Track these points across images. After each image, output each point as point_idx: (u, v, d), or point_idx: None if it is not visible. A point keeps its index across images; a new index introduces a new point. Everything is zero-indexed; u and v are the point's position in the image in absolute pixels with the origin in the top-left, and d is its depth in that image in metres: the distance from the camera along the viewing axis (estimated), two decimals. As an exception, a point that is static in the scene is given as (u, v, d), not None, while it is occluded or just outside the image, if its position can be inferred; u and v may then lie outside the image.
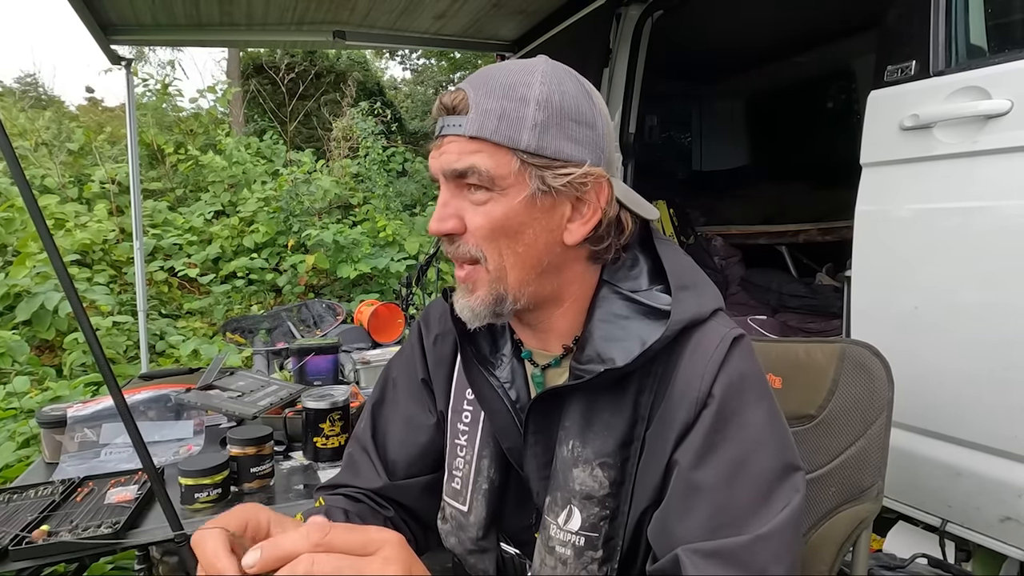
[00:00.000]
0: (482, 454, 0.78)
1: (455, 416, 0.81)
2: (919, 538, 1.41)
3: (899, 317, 1.35)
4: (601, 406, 0.67)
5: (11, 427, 2.38)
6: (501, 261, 0.66)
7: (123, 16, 2.88)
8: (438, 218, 0.67)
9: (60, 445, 1.39)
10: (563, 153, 0.64)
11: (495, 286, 0.67)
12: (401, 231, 6.04)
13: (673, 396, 0.65)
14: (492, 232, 0.65)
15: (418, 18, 3.14)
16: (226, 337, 4.05)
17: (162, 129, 6.70)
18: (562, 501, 0.69)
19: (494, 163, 0.63)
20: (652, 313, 0.67)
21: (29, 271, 3.95)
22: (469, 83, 0.66)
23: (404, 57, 12.57)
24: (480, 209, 0.65)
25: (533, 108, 0.63)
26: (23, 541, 1.00)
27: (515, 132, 0.63)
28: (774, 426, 0.64)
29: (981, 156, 1.21)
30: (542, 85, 0.64)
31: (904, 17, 1.39)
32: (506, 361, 0.76)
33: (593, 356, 0.67)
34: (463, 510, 0.79)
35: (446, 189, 0.68)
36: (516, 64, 0.67)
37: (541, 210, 0.65)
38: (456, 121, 0.65)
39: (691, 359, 0.64)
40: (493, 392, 0.75)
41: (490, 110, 0.63)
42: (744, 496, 0.60)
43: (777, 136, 4.26)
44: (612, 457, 0.66)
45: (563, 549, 0.68)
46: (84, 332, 0.89)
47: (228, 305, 5.07)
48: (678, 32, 2.71)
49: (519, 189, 0.64)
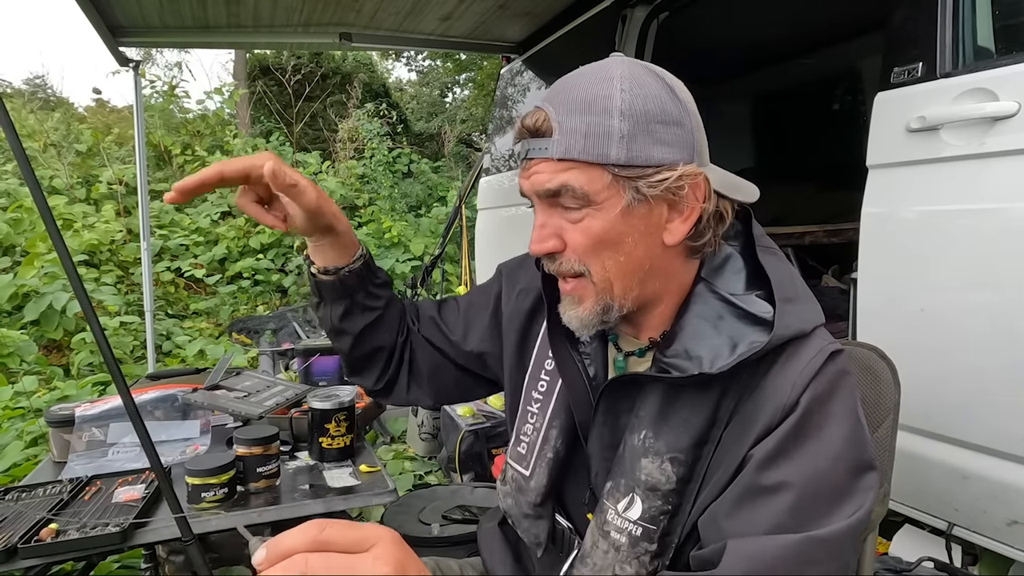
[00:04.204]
0: (552, 423, 0.79)
1: (531, 383, 0.83)
2: (925, 541, 1.40)
3: (905, 319, 1.35)
4: (681, 402, 0.67)
5: (19, 426, 2.40)
6: (605, 273, 0.66)
7: (131, 18, 2.90)
8: (538, 239, 0.68)
9: (68, 444, 1.40)
10: (654, 159, 0.63)
11: (602, 297, 0.67)
12: (406, 232, 6.05)
13: (758, 401, 0.64)
14: (593, 247, 0.66)
15: (424, 20, 3.15)
16: (232, 337, 4.08)
17: (169, 130, 6.75)
18: (625, 488, 0.68)
19: (586, 179, 0.63)
20: (748, 318, 0.66)
21: (37, 271, 3.98)
22: (548, 101, 0.66)
23: (409, 59, 12.62)
24: (578, 226, 0.65)
25: (617, 119, 0.62)
26: (32, 539, 1.01)
27: (603, 147, 0.62)
28: (855, 445, 0.63)
29: (988, 158, 1.20)
30: (622, 93, 0.63)
31: (911, 18, 1.38)
32: (591, 339, 0.77)
33: (680, 352, 0.66)
34: (525, 474, 0.80)
35: (541, 210, 0.68)
36: (592, 72, 0.66)
37: (638, 217, 0.65)
38: (541, 144, 0.64)
39: (783, 367, 0.63)
40: (574, 364, 0.76)
41: (574, 129, 0.63)
42: (806, 506, 0.60)
43: (783, 138, 4.24)
44: (684, 454, 0.66)
45: (618, 535, 0.68)
46: (93, 332, 0.90)
47: (234, 306, 5.09)
48: (684, 34, 2.70)
49: (614, 202, 0.64)
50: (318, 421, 1.36)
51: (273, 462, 1.24)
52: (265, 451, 1.23)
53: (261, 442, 1.22)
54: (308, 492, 1.23)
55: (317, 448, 1.37)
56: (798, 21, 3.23)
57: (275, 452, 1.25)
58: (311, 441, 1.39)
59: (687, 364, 0.65)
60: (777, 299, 0.65)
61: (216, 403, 1.43)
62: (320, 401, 1.37)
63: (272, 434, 1.24)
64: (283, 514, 1.17)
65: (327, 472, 1.32)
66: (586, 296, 0.68)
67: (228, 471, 1.17)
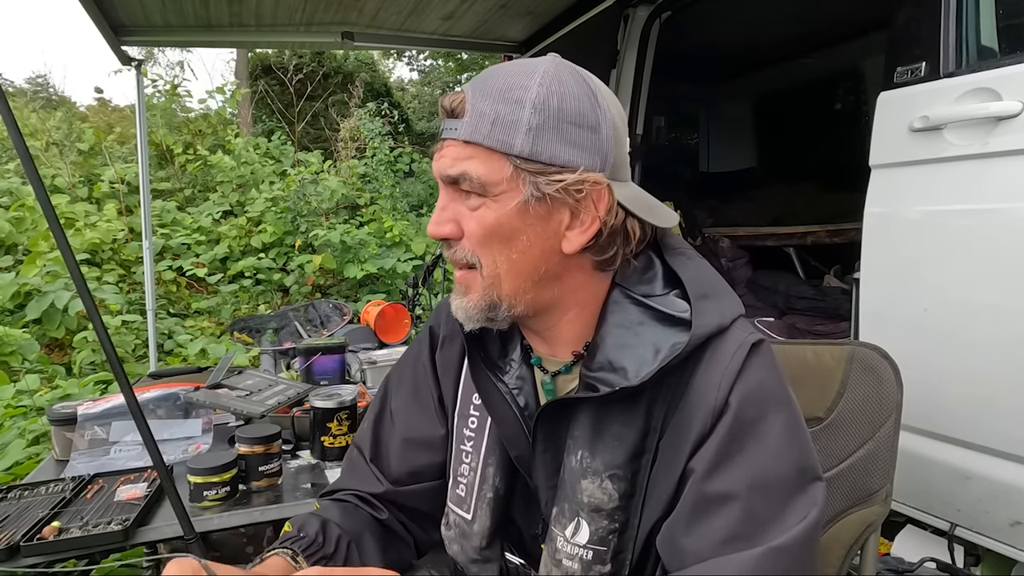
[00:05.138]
0: (487, 461, 0.75)
1: (461, 421, 0.79)
2: (927, 542, 1.40)
3: (908, 319, 1.34)
4: (612, 417, 0.65)
5: (21, 424, 2.40)
6: (495, 268, 0.65)
7: (134, 17, 2.90)
8: (435, 222, 0.67)
9: (71, 442, 1.40)
10: (559, 158, 0.62)
11: (489, 292, 0.66)
12: (408, 232, 6.05)
13: (688, 406, 0.62)
14: (485, 238, 0.64)
15: (426, 19, 3.15)
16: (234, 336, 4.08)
17: (171, 129, 6.75)
18: (570, 513, 0.67)
19: (486, 169, 0.62)
20: (667, 320, 0.64)
21: (39, 270, 3.98)
22: (471, 84, 0.65)
23: (411, 58, 12.60)
24: (474, 215, 0.64)
25: (528, 111, 0.61)
26: (34, 537, 1.02)
27: (508, 136, 0.61)
28: (793, 436, 0.61)
29: (991, 158, 1.20)
30: (540, 87, 0.61)
31: (914, 18, 1.38)
32: (515, 366, 0.74)
33: (604, 364, 0.65)
34: (467, 518, 0.77)
35: (444, 193, 0.67)
36: (520, 64, 0.65)
37: (536, 217, 0.63)
38: (453, 124, 0.64)
39: (707, 368, 0.62)
40: (501, 398, 0.73)
41: (484, 113, 0.62)
42: (758, 508, 0.58)
43: (785, 137, 4.24)
44: (622, 469, 0.64)
45: (570, 562, 0.66)
46: (96, 330, 0.90)
47: (236, 305, 5.09)
48: (686, 33, 2.70)
49: (512, 195, 0.62)
50: (320, 420, 1.36)
51: (275, 461, 1.25)
52: (267, 450, 1.23)
53: (263, 441, 1.22)
54: (310, 491, 1.23)
55: (319, 447, 1.37)
56: (801, 20, 3.23)
57: (277, 451, 1.25)
58: (313, 440, 1.39)
59: (613, 377, 0.63)
60: (691, 297, 0.64)
61: (218, 402, 1.43)
62: (322, 400, 1.37)
63: (274, 433, 1.24)
64: (285, 513, 1.16)
65: (329, 471, 1.32)
66: (473, 288, 0.67)
67: (230, 470, 1.17)
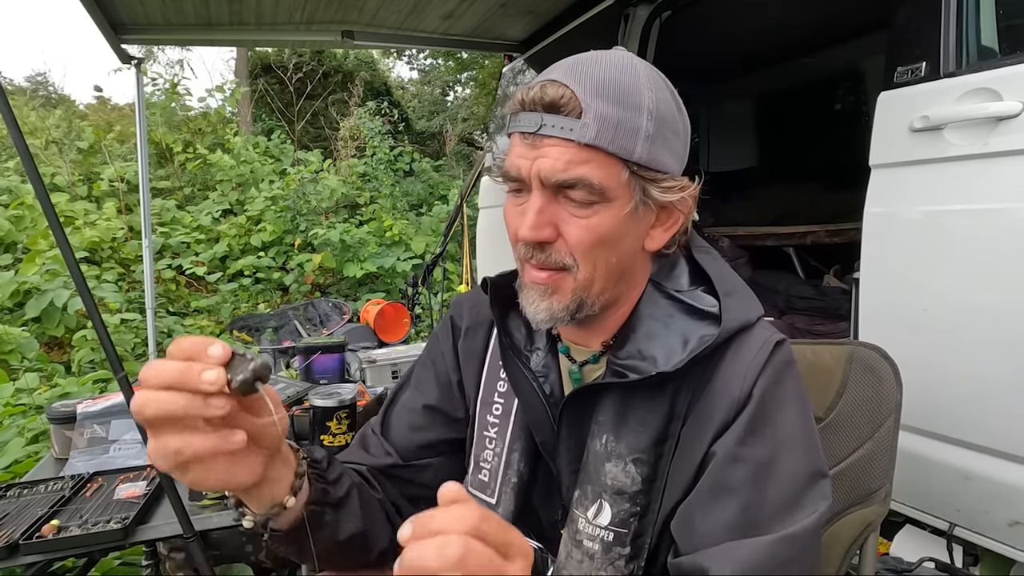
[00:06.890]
0: (513, 447, 0.76)
1: (484, 408, 0.80)
2: (926, 542, 1.40)
3: (908, 320, 1.34)
4: (637, 402, 0.66)
5: (21, 423, 2.40)
6: (593, 272, 0.64)
7: (134, 15, 2.90)
8: (534, 225, 0.62)
9: (70, 441, 1.40)
10: (666, 165, 0.63)
11: (580, 293, 0.65)
12: (407, 231, 6.06)
13: (712, 395, 0.64)
14: (593, 245, 0.63)
15: (426, 18, 3.15)
16: (233, 335, 4.08)
17: (171, 128, 6.75)
18: (592, 495, 0.68)
19: (604, 174, 0.60)
20: (695, 313, 0.66)
21: (39, 268, 3.98)
22: (572, 78, 0.60)
23: (411, 57, 12.60)
24: (582, 221, 0.62)
25: (646, 118, 0.60)
26: (33, 535, 1.02)
27: (630, 143, 0.60)
28: (806, 430, 0.64)
29: (992, 158, 1.20)
30: (650, 92, 0.61)
31: (914, 18, 1.38)
32: (541, 354, 0.75)
33: (633, 353, 0.66)
34: (491, 503, 0.77)
35: (541, 195, 0.62)
36: (617, 61, 0.63)
37: (636, 220, 0.64)
38: (565, 124, 0.59)
39: (733, 360, 0.64)
40: (528, 383, 0.74)
41: (608, 117, 0.59)
42: (773, 497, 0.60)
43: (786, 137, 4.24)
44: (646, 454, 0.66)
45: (591, 543, 0.68)
46: (96, 329, 0.90)
47: (235, 303, 5.09)
48: (686, 32, 2.70)
49: (623, 202, 0.62)
50: (320, 419, 1.36)
51: (274, 460, 1.24)
52: (266, 449, 1.23)
53: (262, 440, 1.22)
54: (309, 490, 1.23)
55: (319, 446, 1.37)
56: (801, 20, 3.23)
57: (276, 450, 1.25)
58: (312, 439, 1.39)
59: (643, 365, 0.65)
60: (719, 293, 0.66)
61: (217, 400, 1.43)
62: (321, 399, 1.37)
63: (273, 432, 1.24)
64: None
65: (328, 470, 1.32)
66: (562, 288, 0.66)
67: (229, 468, 1.17)
